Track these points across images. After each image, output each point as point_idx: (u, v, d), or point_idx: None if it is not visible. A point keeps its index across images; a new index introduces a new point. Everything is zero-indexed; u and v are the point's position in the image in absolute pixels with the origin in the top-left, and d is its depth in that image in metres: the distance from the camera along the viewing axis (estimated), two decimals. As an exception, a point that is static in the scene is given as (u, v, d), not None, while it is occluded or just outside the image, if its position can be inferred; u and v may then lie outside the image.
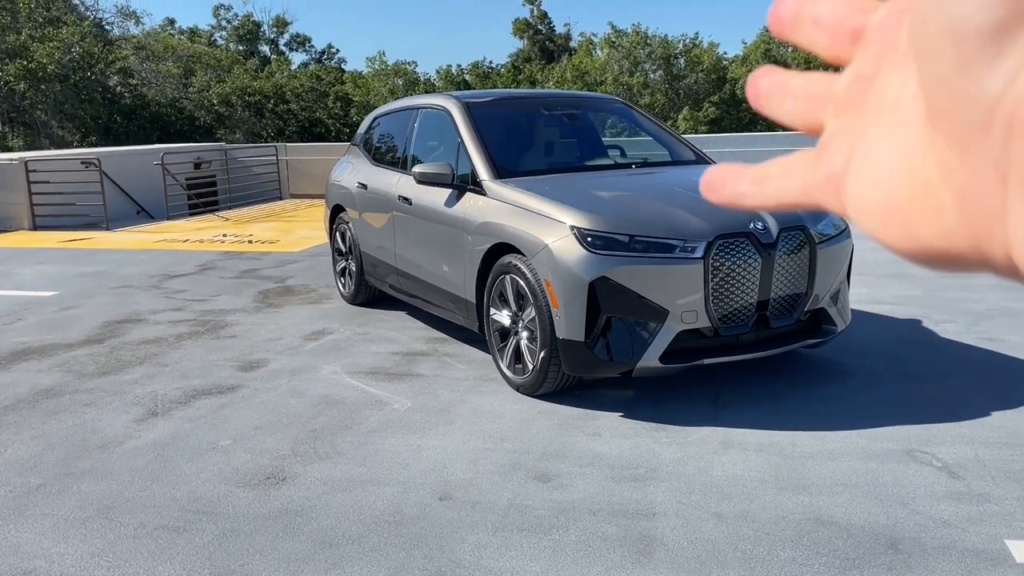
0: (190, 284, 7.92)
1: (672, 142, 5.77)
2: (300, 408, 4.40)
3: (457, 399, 4.48)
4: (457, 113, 5.33)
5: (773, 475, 3.43)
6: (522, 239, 4.34)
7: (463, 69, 38.79)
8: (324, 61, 48.66)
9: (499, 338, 4.69)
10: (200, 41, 42.15)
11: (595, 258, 4.00)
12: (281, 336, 5.89)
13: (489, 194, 4.76)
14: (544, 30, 49.00)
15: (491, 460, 3.67)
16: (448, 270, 5.12)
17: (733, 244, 4.06)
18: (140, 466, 3.71)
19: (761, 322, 4.22)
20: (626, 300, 3.99)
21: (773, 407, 4.21)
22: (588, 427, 4.02)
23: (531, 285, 4.26)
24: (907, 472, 3.40)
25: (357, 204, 6.45)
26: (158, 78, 28.28)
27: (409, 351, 5.42)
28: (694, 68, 36.19)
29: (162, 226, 12.60)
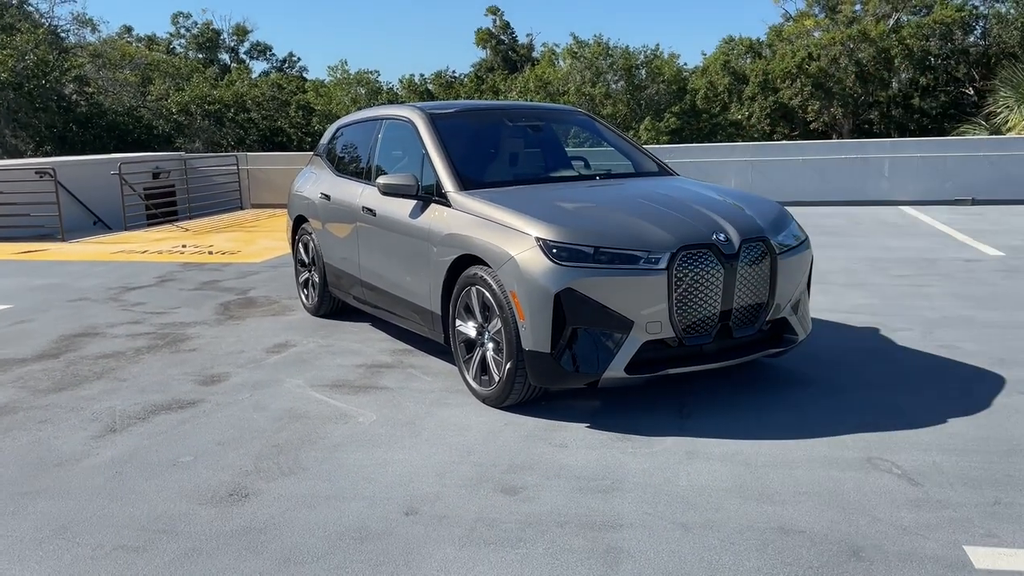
0: (149, 296, 7.78)
1: (635, 153, 5.81)
2: (263, 423, 4.35)
3: (423, 412, 4.45)
4: (421, 124, 5.32)
5: (738, 485, 3.45)
6: (488, 251, 4.34)
7: (426, 79, 38.72)
8: (285, 70, 48.27)
9: (465, 350, 4.67)
10: (158, 49, 41.61)
11: (560, 269, 4.01)
12: (243, 349, 5.81)
13: (454, 205, 4.75)
14: (507, 40, 49.19)
15: (458, 473, 3.65)
16: (413, 282, 5.09)
17: (696, 255, 4.10)
18: (98, 484, 3.63)
19: (724, 332, 4.26)
20: (592, 311, 4.00)
21: (737, 416, 4.25)
22: (555, 438, 4.02)
23: (497, 297, 4.26)
24: (868, 480, 3.45)
25: (320, 215, 6.40)
26: (115, 86, 27.81)
27: (374, 363, 5.38)
28: (655, 79, 36.55)
29: (120, 237, 12.38)
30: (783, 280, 4.39)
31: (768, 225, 4.43)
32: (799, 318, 4.61)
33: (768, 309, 4.36)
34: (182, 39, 46.87)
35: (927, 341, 5.51)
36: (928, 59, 34.75)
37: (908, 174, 13.79)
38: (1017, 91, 15.93)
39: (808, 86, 35.23)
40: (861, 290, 7.16)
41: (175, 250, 10.79)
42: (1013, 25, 32.26)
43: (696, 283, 4.09)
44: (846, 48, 34.55)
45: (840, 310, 6.43)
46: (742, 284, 4.22)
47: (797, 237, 4.64)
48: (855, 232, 10.75)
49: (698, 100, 37.61)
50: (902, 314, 6.28)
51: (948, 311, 6.32)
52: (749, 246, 4.24)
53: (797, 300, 4.58)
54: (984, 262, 8.34)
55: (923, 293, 6.98)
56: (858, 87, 35.65)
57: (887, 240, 10.00)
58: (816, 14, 38.54)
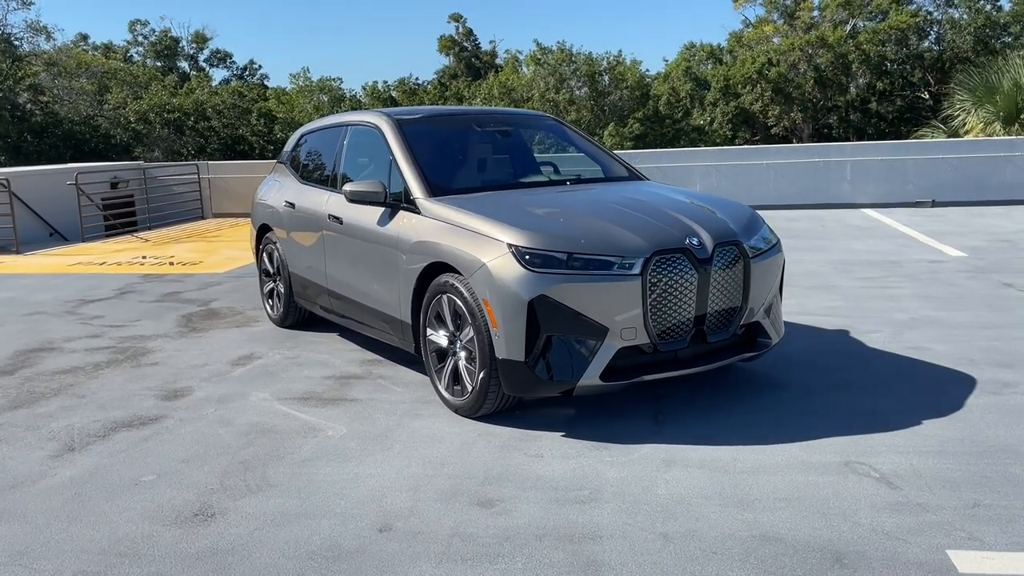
0: (108, 309, 7.57)
1: (604, 158, 5.77)
2: (228, 438, 4.21)
3: (394, 423, 4.35)
4: (388, 130, 5.22)
5: (717, 492, 3.41)
6: (459, 258, 4.26)
7: (390, 86, 38.53)
8: (246, 77, 47.73)
9: (436, 359, 4.58)
10: (115, 57, 40.89)
11: (533, 276, 3.94)
12: (206, 362, 5.66)
13: (423, 212, 4.66)
14: (470, 47, 49.18)
15: (432, 487, 3.55)
16: (382, 290, 4.99)
17: (670, 260, 4.05)
18: (56, 506, 3.48)
19: (698, 337, 4.22)
20: (566, 318, 3.94)
21: (713, 421, 4.21)
22: (530, 448, 3.95)
23: (469, 305, 4.18)
24: (847, 484, 3.43)
25: (285, 224, 6.27)
26: (71, 95, 27.25)
27: (343, 375, 5.26)
28: (618, 85, 36.76)
29: (77, 248, 12.08)
30: (756, 284, 4.36)
31: (740, 229, 4.41)
32: (772, 322, 4.59)
33: (742, 313, 4.33)
34: (140, 47, 46.12)
35: (897, 343, 5.53)
36: (884, 64, 35.39)
37: (869, 177, 13.97)
38: (974, 94, 16.25)
39: (768, 91, 35.68)
40: (829, 292, 7.19)
41: (135, 261, 10.54)
42: (966, 30, 32.96)
43: (670, 288, 4.05)
44: (805, 54, 35.05)
45: (809, 312, 6.44)
46: (716, 288, 4.18)
47: (769, 240, 4.62)
48: (820, 235, 10.84)
49: (661, 106, 37.89)
50: (871, 316, 6.30)
51: (915, 312, 6.36)
52: (722, 250, 4.21)
53: (770, 304, 4.56)
54: (947, 263, 8.44)
55: (890, 295, 7.03)
56: (817, 92, 36.18)
57: (852, 243, 10.10)
58: (775, 20, 39.06)
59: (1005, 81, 15.59)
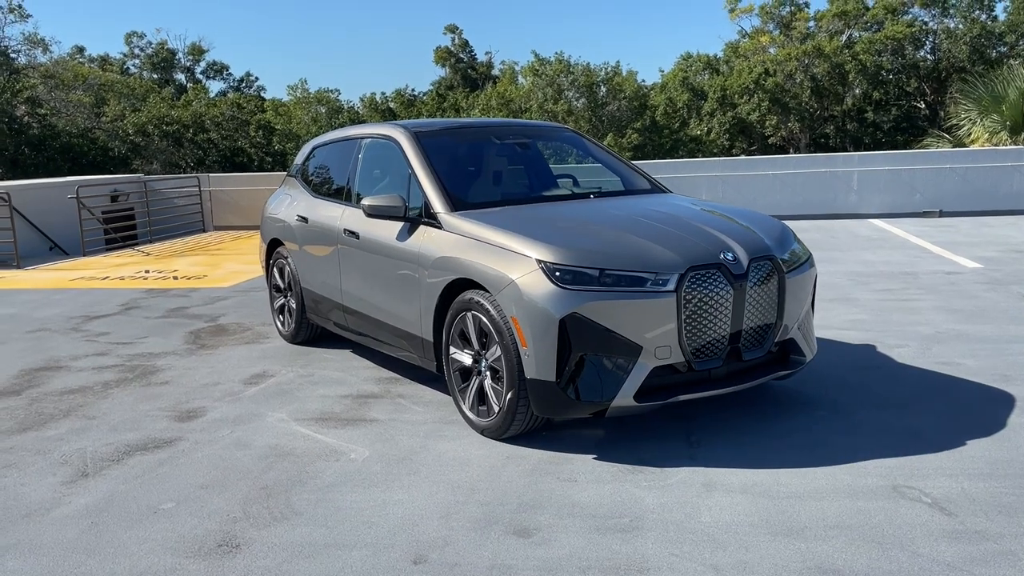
0: (113, 326, 7.42)
1: (626, 171, 5.65)
2: (247, 462, 4.06)
3: (418, 446, 4.21)
4: (406, 143, 5.10)
5: (763, 519, 3.27)
6: (485, 274, 4.12)
7: (388, 97, 38.50)
8: (243, 89, 47.71)
9: (460, 379, 4.44)
10: (112, 69, 40.80)
11: (565, 293, 3.81)
12: (218, 381, 5.51)
13: (445, 227, 4.53)
14: (466, 58, 49.25)
15: (464, 514, 3.41)
16: (401, 307, 4.85)
17: (705, 275, 3.93)
18: (72, 537, 3.33)
19: (733, 355, 4.09)
20: (598, 337, 3.80)
21: (747, 442, 4.08)
22: (562, 472, 3.81)
23: (496, 323, 4.04)
24: (898, 510, 3.29)
25: (297, 238, 6.13)
26: (68, 107, 27.11)
27: (360, 393, 5.12)
28: (616, 95, 36.74)
29: (78, 263, 11.92)
30: (791, 299, 4.24)
31: (774, 243, 4.29)
32: (805, 338, 4.46)
33: (777, 330, 4.21)
34: (136, 59, 46.10)
35: (926, 358, 5.41)
36: (881, 74, 35.46)
37: (876, 187, 13.88)
38: (979, 104, 16.20)
39: (765, 101, 35.71)
40: (849, 305, 7.07)
41: (138, 276, 10.38)
42: (962, 40, 33.03)
43: (705, 305, 3.92)
44: (801, 64, 35.10)
45: (832, 326, 6.31)
46: (751, 304, 4.05)
47: (802, 254, 4.50)
48: (832, 246, 10.73)
49: (658, 116, 37.89)
50: (894, 330, 6.18)
51: (940, 326, 6.24)
52: (757, 265, 4.08)
53: (803, 319, 4.43)
54: (964, 275, 8.33)
55: (911, 307, 6.91)
56: (814, 102, 36.24)
57: (864, 254, 9.99)
58: (771, 31, 39.14)
59: (1011, 90, 15.55)
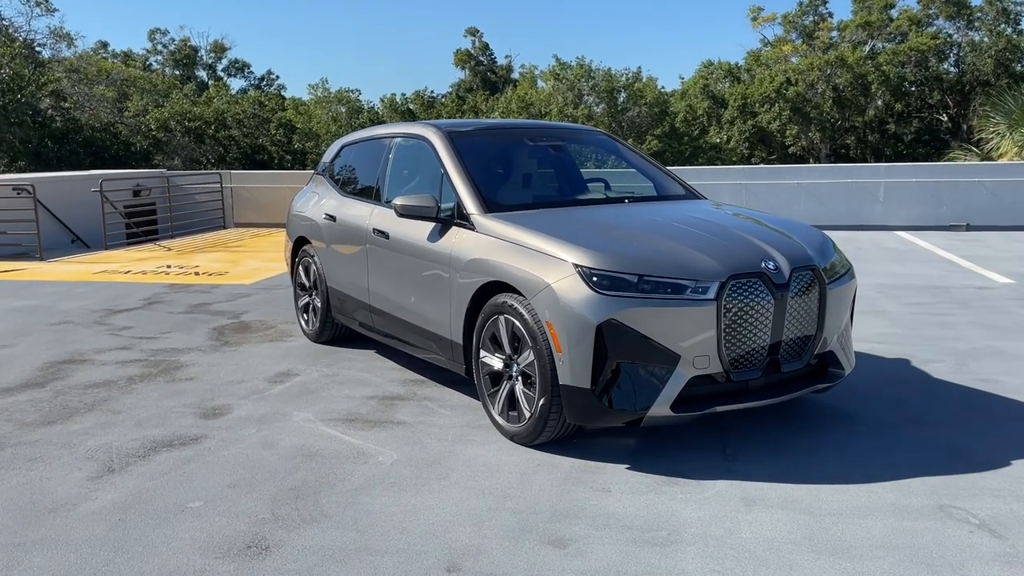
0: (136, 320, 7.40)
1: (660, 176, 5.56)
2: (274, 462, 4.01)
3: (447, 450, 4.14)
4: (439, 143, 5.04)
5: (806, 536, 3.18)
6: (519, 278, 4.05)
7: (407, 98, 38.53)
8: (263, 87, 47.92)
9: (490, 383, 4.37)
10: (135, 65, 41.04)
11: (602, 299, 3.73)
12: (243, 378, 5.46)
13: (479, 229, 4.46)
14: (485, 61, 49.30)
15: (497, 522, 3.34)
16: (431, 308, 4.79)
17: (746, 284, 3.84)
18: (100, 534, 3.28)
19: (772, 366, 4.00)
20: (635, 344, 3.72)
21: (785, 456, 3.98)
22: (595, 482, 3.73)
23: (529, 327, 3.97)
24: (946, 531, 3.19)
25: (324, 237, 6.08)
26: (91, 102, 27.25)
27: (386, 395, 5.05)
28: (637, 101, 36.63)
29: (100, 256, 11.94)
30: (831, 311, 4.15)
31: (816, 252, 4.20)
32: (844, 351, 4.37)
33: (816, 342, 4.11)
34: (159, 55, 46.39)
35: (963, 374, 5.29)
36: (903, 85, 35.22)
37: (903, 199, 13.73)
38: (1009, 118, 16.01)
39: (786, 111, 35.52)
40: (880, 318, 6.96)
41: (159, 271, 10.38)
42: (987, 53, 32.74)
43: (746, 315, 3.83)
44: (823, 73, 34.90)
45: (864, 339, 6.20)
46: (792, 315, 3.96)
47: (843, 265, 4.41)
48: (859, 258, 10.59)
49: (678, 123, 37.76)
50: (928, 344, 6.07)
51: (975, 341, 6.12)
52: (799, 275, 3.99)
53: (842, 332, 4.34)
54: (996, 290, 8.19)
55: (944, 322, 6.79)
56: (835, 112, 36.01)
57: (892, 266, 9.86)
58: (794, 40, 38.95)
59: (1041, 105, 15.38)
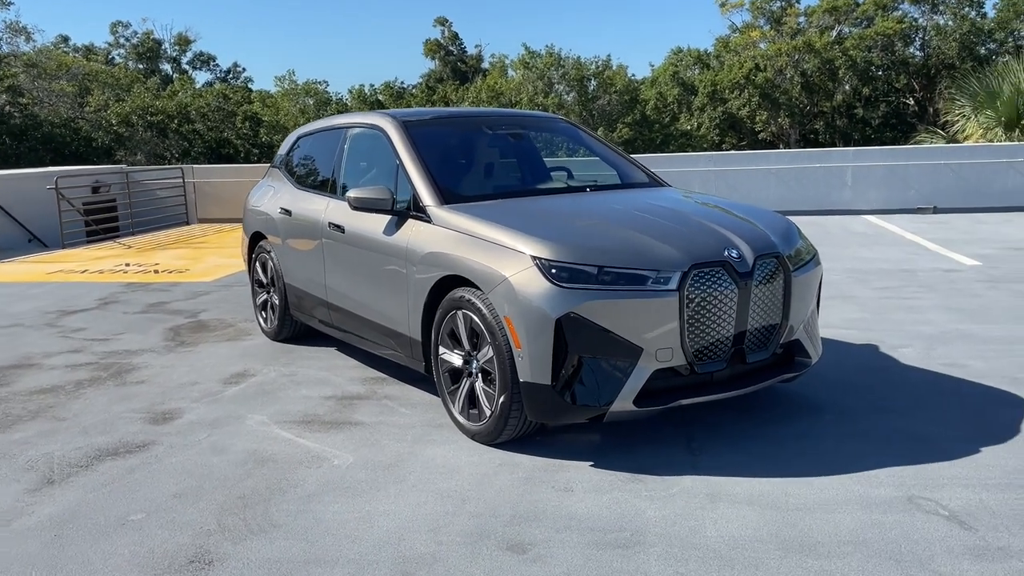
0: (90, 321, 7.16)
1: (623, 163, 5.44)
2: (224, 468, 3.84)
3: (405, 451, 4.00)
4: (394, 133, 4.87)
5: (773, 533, 3.08)
6: (477, 271, 3.91)
7: (376, 89, 38.13)
8: (230, 80, 47.20)
9: (450, 380, 4.23)
10: (96, 59, 40.25)
11: (561, 292, 3.60)
12: (197, 380, 5.28)
13: (435, 221, 4.31)
14: (456, 51, 48.96)
15: (454, 527, 3.20)
16: (388, 304, 4.64)
17: (709, 274, 3.73)
18: (34, 552, 3.10)
19: (737, 357, 3.89)
20: (596, 338, 3.60)
21: (752, 449, 3.88)
22: (557, 481, 3.60)
23: (488, 322, 3.83)
24: (915, 524, 3.11)
25: (280, 232, 5.90)
26: (51, 97, 26.67)
27: (345, 394, 4.90)
28: (607, 90, 36.54)
29: (57, 255, 11.62)
30: (797, 299, 4.05)
31: (780, 239, 4.09)
32: (811, 339, 4.27)
33: (782, 331, 4.01)
34: (122, 49, 45.52)
35: (931, 359, 5.23)
36: (870, 70, 35.43)
37: (871, 183, 13.74)
38: (974, 100, 16.08)
39: (755, 96, 35.61)
40: (848, 303, 6.90)
41: (118, 269, 10.11)
42: (951, 36, 33.01)
43: (709, 305, 3.72)
44: (791, 59, 35.01)
45: (833, 325, 6.13)
46: (756, 304, 3.86)
47: (807, 251, 4.31)
48: (827, 242, 10.56)
49: (648, 110, 37.72)
50: (897, 329, 6.01)
51: (943, 325, 6.07)
52: (763, 263, 3.89)
53: (808, 320, 4.24)
54: (963, 272, 8.17)
55: (911, 306, 6.74)
56: (804, 97, 36.16)
57: (861, 250, 9.83)
58: (762, 26, 39.02)
59: (1005, 86, 15.43)
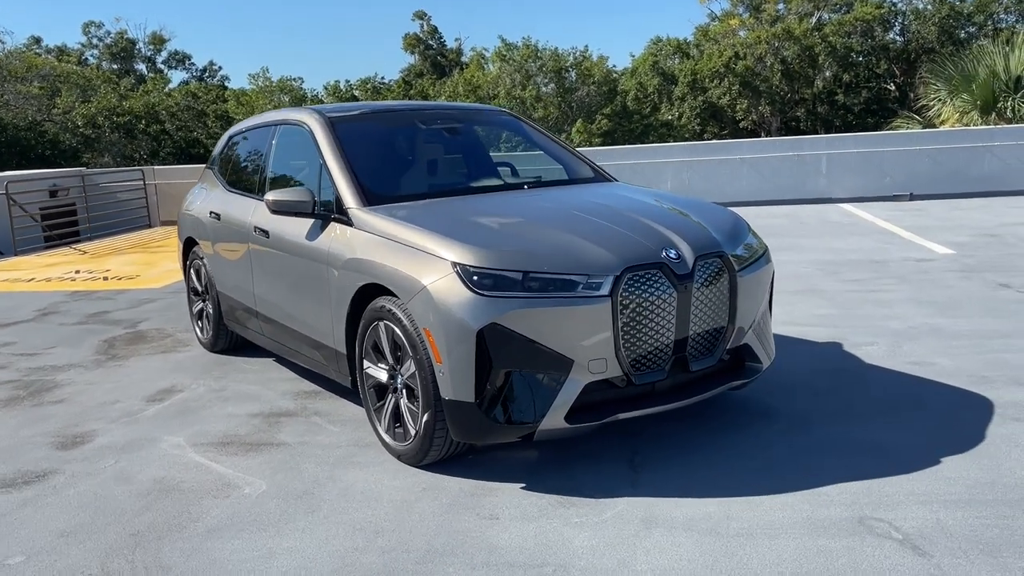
0: (21, 334, 6.81)
1: (567, 157, 5.13)
2: (124, 501, 3.52)
3: (324, 475, 3.69)
4: (319, 129, 4.55)
5: (709, 564, 2.79)
6: (395, 279, 3.60)
7: (352, 85, 37.69)
8: (206, 79, 46.62)
9: (375, 396, 3.92)
10: (70, 60, 39.61)
11: (483, 301, 3.30)
12: (119, 398, 4.95)
13: (357, 224, 4.00)
14: (435, 45, 48.53)
15: (360, 566, 2.90)
16: (313, 314, 4.32)
17: (644, 277, 3.43)
18: None
19: (679, 365, 3.60)
20: (522, 350, 3.29)
21: (697, 464, 3.59)
22: (483, 507, 3.30)
23: (409, 334, 3.52)
24: (864, 551, 2.82)
25: (210, 236, 5.57)
26: (18, 100, 26.12)
27: (273, 411, 4.58)
28: (585, 81, 36.21)
29: (7, 264, 11.22)
30: (744, 300, 3.75)
31: (724, 237, 3.79)
32: (762, 342, 3.98)
33: (729, 335, 3.72)
34: (95, 49, 44.86)
35: (896, 358, 4.96)
36: (850, 56, 35.28)
37: (846, 170, 13.49)
38: (949, 84, 15.85)
39: (736, 85, 35.39)
40: (815, 298, 6.62)
41: (66, 277, 9.73)
42: (930, 20, 32.86)
43: (645, 310, 3.42)
44: (771, 47, 34.78)
45: (796, 322, 5.86)
46: (698, 308, 3.56)
47: (756, 248, 4.02)
48: (800, 233, 10.31)
49: (628, 101, 37.47)
50: (863, 325, 5.74)
51: (911, 320, 5.80)
52: (705, 263, 3.59)
53: (759, 321, 3.95)
54: (936, 261, 7.92)
55: (880, 299, 6.48)
56: (784, 85, 35.97)
57: (833, 241, 9.56)
58: (741, 13, 38.78)
59: (981, 69, 15.20)
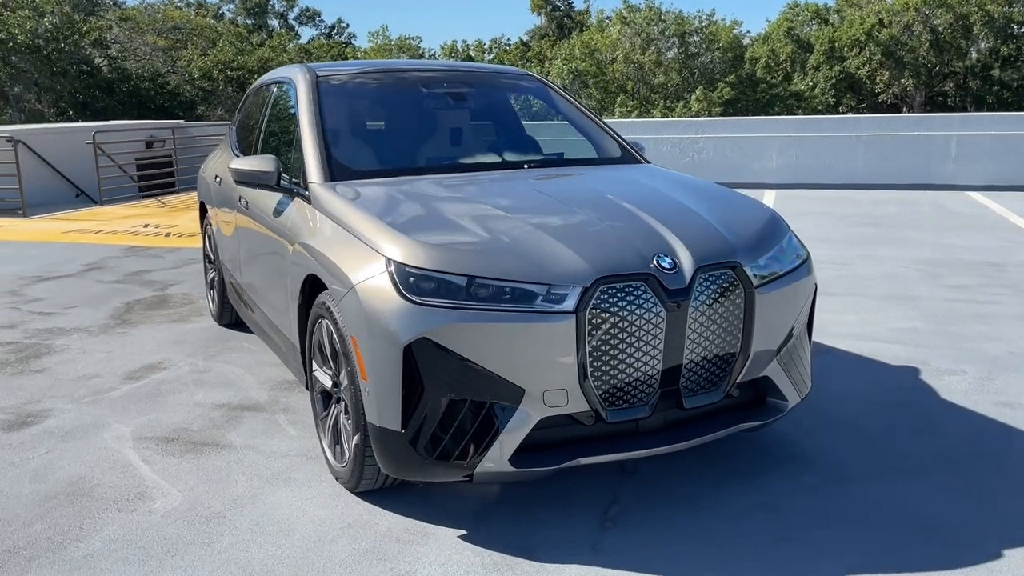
0: (56, 291, 6.67)
1: (595, 132, 4.36)
2: (22, 506, 3.13)
3: (250, 493, 3.19)
4: (302, 89, 4.00)
5: None
6: (331, 272, 3.03)
7: (469, 45, 37.31)
8: (334, 36, 47.53)
9: (321, 404, 3.39)
10: (206, 14, 40.99)
11: (414, 310, 2.68)
12: (99, 372, 4.63)
13: (314, 202, 3.44)
14: (562, 6, 47.52)
15: (219, 629, 2.38)
16: (274, 300, 3.84)
17: (623, 291, 2.72)
18: None
19: (670, 400, 2.88)
20: (459, 373, 2.66)
21: (681, 528, 2.88)
22: (403, 559, 2.72)
23: (343, 340, 2.96)
24: None
25: (214, 202, 5.17)
26: (146, 51, 27.03)
27: (240, 403, 4.13)
28: (710, 46, 34.52)
29: (86, 213, 11.38)
30: (765, 322, 2.97)
31: (744, 243, 3.01)
32: (790, 374, 3.18)
33: (740, 365, 2.96)
34: (231, 4, 46.38)
35: (984, 394, 4.03)
36: (1010, 27, 32.14)
37: (979, 154, 11.96)
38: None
39: (877, 55, 32.98)
40: (904, 306, 5.64)
41: (132, 230, 9.71)
42: (1109, -12, 29.43)
43: (622, 331, 2.71)
44: (920, 14, 32.08)
45: (870, 336, 4.95)
46: (696, 330, 2.83)
47: (793, 257, 3.21)
48: (909, 224, 9.11)
49: (758, 69, 35.56)
50: (953, 346, 4.78)
51: (1014, 343, 4.79)
52: (709, 276, 2.84)
53: (790, 349, 3.16)
54: (1067, 269, 6.71)
55: (983, 313, 5.44)
56: (932, 56, 33.19)
57: (947, 235, 8.36)
58: (890, -24, 35.93)
59: None
